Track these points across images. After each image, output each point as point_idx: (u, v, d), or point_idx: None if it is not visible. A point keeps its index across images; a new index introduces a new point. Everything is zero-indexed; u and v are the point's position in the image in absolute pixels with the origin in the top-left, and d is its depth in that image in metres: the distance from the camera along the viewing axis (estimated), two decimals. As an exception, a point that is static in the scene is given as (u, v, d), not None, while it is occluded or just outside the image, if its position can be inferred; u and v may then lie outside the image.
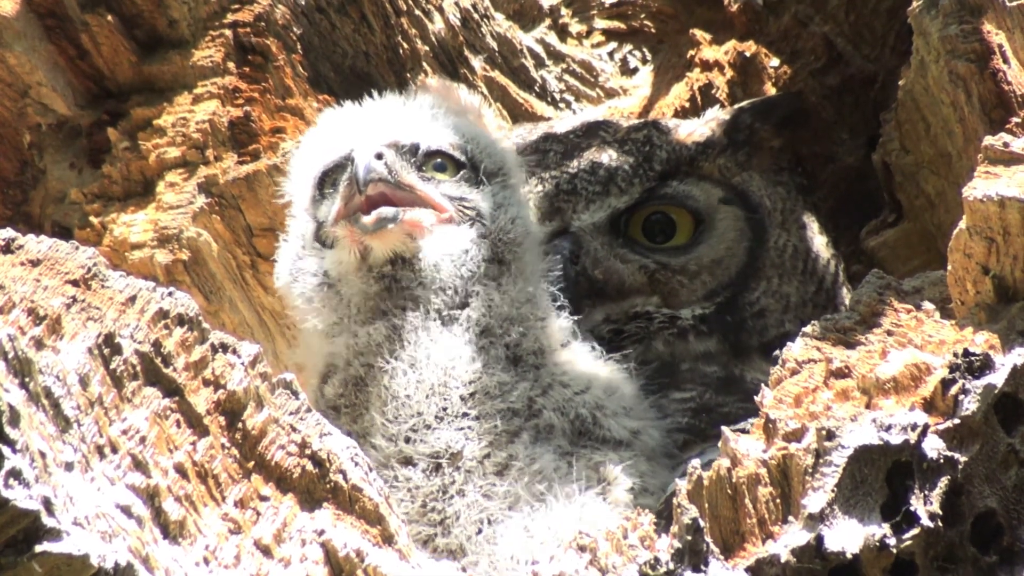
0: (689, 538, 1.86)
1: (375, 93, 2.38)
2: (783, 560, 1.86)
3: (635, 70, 3.02)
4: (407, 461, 2.15)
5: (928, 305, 2.05)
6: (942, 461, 1.90)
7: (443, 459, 2.15)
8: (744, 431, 1.96)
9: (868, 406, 1.95)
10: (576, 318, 2.32)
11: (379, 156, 2.19)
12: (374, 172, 2.19)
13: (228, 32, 2.64)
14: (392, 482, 2.14)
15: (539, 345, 2.24)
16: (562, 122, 2.68)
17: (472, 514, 2.13)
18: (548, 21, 2.99)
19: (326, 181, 2.30)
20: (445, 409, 2.16)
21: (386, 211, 2.19)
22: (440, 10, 2.80)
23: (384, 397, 2.17)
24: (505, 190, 2.31)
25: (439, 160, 2.28)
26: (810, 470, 1.89)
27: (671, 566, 1.85)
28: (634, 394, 2.28)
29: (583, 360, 2.28)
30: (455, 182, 2.28)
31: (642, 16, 3.03)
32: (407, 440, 2.16)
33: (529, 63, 2.93)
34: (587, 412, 2.21)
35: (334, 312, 2.25)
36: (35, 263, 1.86)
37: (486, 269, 2.24)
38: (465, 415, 2.16)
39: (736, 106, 2.68)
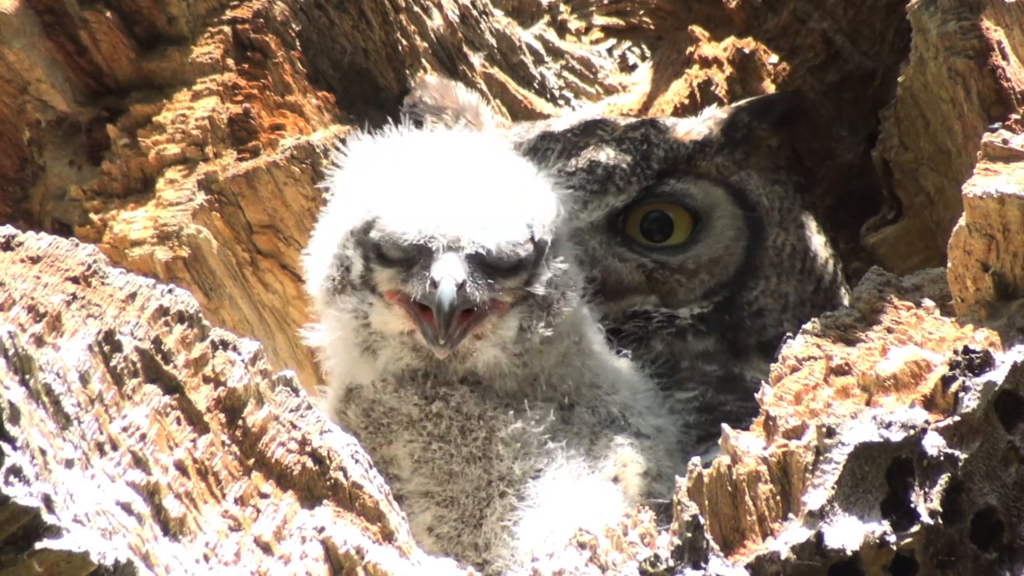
0: (689, 535, 1.86)
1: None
2: (783, 557, 1.87)
3: (634, 67, 3.02)
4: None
5: (928, 302, 2.05)
6: (942, 458, 1.91)
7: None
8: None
9: (868, 403, 1.95)
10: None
11: (460, 286, 2.10)
12: (454, 303, 2.09)
13: (227, 29, 2.63)
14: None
15: (580, 379, 2.25)
16: (560, 121, 2.68)
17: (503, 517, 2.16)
18: (547, 17, 2.99)
19: (386, 245, 2.18)
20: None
21: (458, 339, 2.13)
22: (439, 6, 2.80)
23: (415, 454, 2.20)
24: (556, 254, 2.24)
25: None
26: (810, 467, 1.89)
27: (671, 563, 1.85)
28: (652, 391, 2.31)
29: (610, 360, 2.29)
30: (516, 276, 2.17)
31: (641, 13, 3.03)
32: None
33: (528, 60, 2.93)
34: (617, 411, 2.24)
35: (367, 349, 2.22)
36: (35, 260, 1.86)
37: (534, 340, 2.20)
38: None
39: (734, 105, 2.67)
